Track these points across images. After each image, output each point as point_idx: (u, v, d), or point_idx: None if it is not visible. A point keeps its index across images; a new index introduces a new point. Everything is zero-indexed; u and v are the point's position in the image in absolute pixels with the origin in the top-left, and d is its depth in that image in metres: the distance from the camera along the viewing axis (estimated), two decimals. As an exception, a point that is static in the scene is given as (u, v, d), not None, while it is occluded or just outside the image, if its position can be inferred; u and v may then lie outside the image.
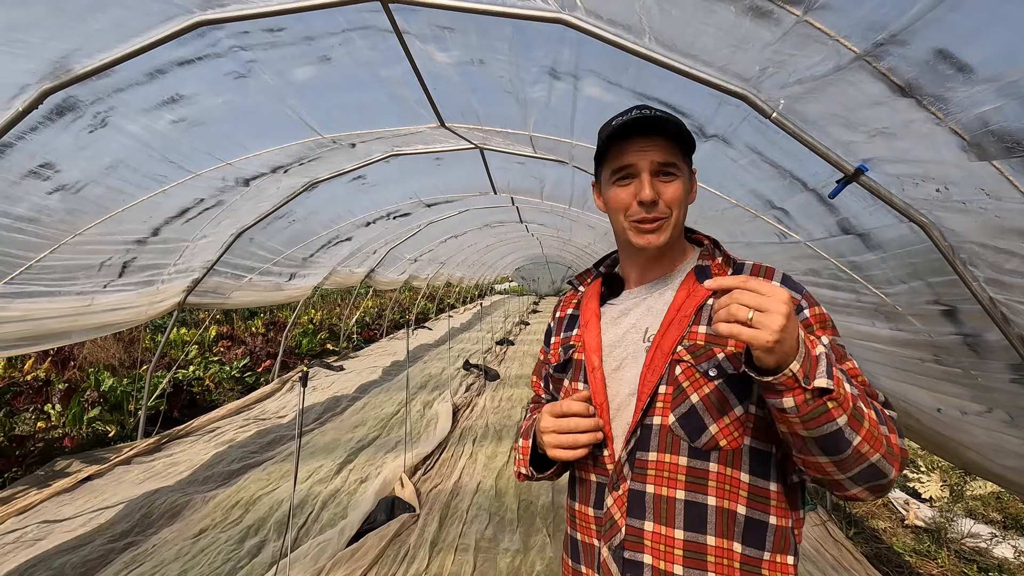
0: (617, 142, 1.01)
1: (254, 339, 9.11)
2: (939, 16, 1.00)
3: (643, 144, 0.98)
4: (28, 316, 3.22)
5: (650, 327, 1.03)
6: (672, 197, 0.99)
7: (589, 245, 11.50)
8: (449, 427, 5.47)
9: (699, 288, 1.01)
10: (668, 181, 0.99)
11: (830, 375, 0.77)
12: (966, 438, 2.25)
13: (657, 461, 0.94)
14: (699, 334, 0.97)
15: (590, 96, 2.52)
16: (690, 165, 1.06)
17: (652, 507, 0.93)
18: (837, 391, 0.77)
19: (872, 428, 0.80)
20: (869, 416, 0.80)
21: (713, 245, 1.10)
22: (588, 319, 1.11)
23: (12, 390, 5.21)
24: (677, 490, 0.92)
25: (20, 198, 2.54)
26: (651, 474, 0.94)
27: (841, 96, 1.43)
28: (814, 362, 0.78)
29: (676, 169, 0.99)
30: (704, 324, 0.97)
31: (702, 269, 1.05)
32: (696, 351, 0.95)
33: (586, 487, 1.03)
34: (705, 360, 0.94)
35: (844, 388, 0.78)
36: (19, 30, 1.77)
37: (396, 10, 2.15)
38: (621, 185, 1.02)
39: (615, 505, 0.96)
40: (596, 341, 1.07)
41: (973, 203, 1.37)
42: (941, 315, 1.92)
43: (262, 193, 4.14)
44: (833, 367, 0.79)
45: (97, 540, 3.28)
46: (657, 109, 1.00)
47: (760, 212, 2.59)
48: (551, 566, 3.03)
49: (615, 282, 1.15)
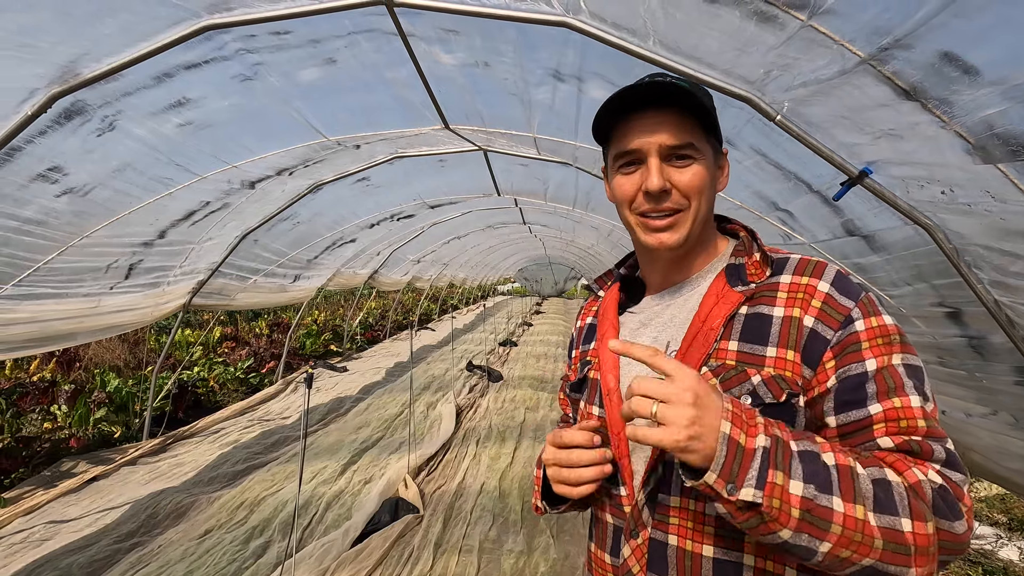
0: (621, 120, 0.83)
1: (258, 340, 9.14)
2: (944, 20, 1.01)
3: (650, 122, 0.80)
4: (36, 318, 3.24)
5: (671, 342, 0.86)
6: (688, 185, 0.80)
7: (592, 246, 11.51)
8: (453, 428, 5.47)
9: (731, 292, 0.83)
10: (684, 166, 0.81)
11: (761, 482, 0.62)
12: (971, 440, 2.25)
13: (681, 508, 0.78)
14: (729, 352, 0.79)
15: (594, 98, 2.53)
16: (717, 144, 0.87)
17: (675, 563, 0.78)
18: (768, 503, 0.62)
19: (852, 530, 0.62)
20: (846, 513, 0.62)
21: (750, 238, 0.89)
22: (605, 331, 0.94)
23: (18, 391, 5.24)
24: (704, 545, 0.76)
25: (28, 201, 2.56)
26: (674, 523, 0.78)
27: (845, 99, 1.43)
28: (745, 462, 0.63)
29: (693, 151, 0.80)
30: (736, 339, 0.80)
31: (735, 268, 0.86)
32: (725, 373, 0.78)
33: (601, 529, 0.89)
34: (736, 385, 0.77)
35: (787, 492, 0.62)
36: (28, 35, 1.78)
37: (401, 13, 2.17)
38: (625, 173, 0.84)
39: (633, 556, 0.81)
40: (613, 358, 0.90)
41: (978, 206, 1.37)
42: (945, 317, 1.92)
43: (267, 195, 4.15)
44: (770, 467, 0.63)
45: (103, 540, 3.30)
46: (674, 76, 0.80)
47: (764, 214, 2.59)
48: (555, 568, 3.04)
49: (635, 286, 0.99)
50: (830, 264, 0.81)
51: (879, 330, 0.74)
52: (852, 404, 0.72)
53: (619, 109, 0.82)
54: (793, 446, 0.66)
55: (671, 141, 0.79)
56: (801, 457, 0.65)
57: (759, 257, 0.85)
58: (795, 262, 0.83)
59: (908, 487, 0.65)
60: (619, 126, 0.84)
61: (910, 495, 0.64)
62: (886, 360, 0.72)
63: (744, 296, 0.81)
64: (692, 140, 0.80)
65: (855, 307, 0.75)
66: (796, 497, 0.62)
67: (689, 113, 0.80)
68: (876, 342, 0.73)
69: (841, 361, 0.73)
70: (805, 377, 0.75)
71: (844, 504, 0.63)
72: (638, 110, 0.81)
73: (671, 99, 0.79)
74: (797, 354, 0.75)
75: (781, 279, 0.81)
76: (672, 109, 0.80)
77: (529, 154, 4.08)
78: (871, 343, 0.73)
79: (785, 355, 0.76)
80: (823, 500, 0.63)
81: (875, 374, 0.71)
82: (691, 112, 0.80)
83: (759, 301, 0.81)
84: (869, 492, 0.64)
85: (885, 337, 0.74)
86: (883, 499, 0.64)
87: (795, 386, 0.75)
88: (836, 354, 0.74)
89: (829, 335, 0.74)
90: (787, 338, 0.76)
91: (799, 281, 0.80)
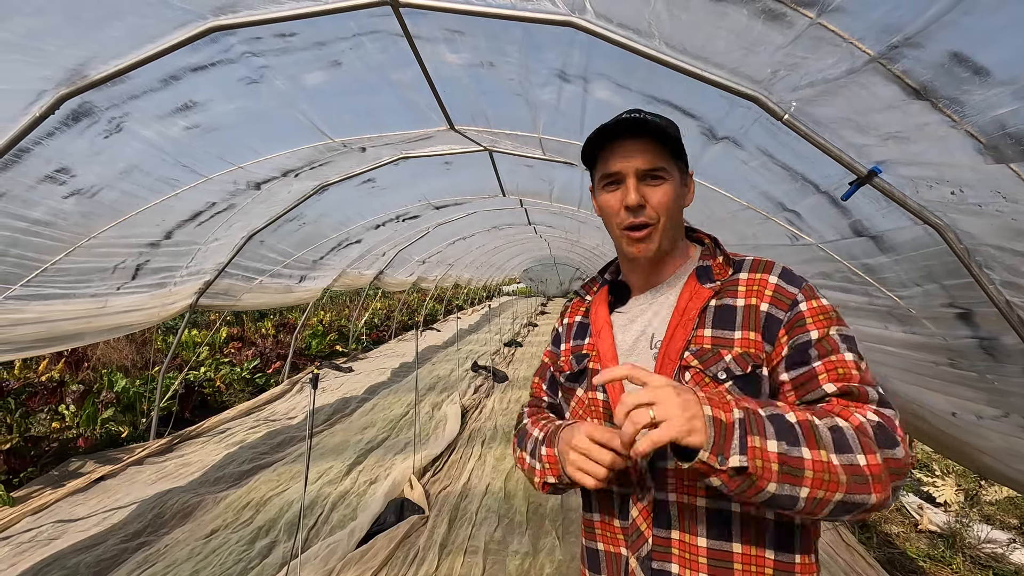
0: (604, 147, 1.01)
1: (264, 340, 9.17)
2: (955, 19, 1.00)
3: (628, 149, 0.97)
4: (44, 318, 3.26)
5: (656, 333, 1.02)
6: (659, 202, 0.98)
7: (598, 247, 11.48)
8: (458, 429, 5.47)
9: (701, 289, 1.00)
10: (655, 185, 0.98)
11: (744, 448, 0.75)
12: (982, 443, 2.22)
13: (676, 468, 0.93)
14: (705, 337, 0.96)
15: (600, 98, 2.52)
16: (684, 168, 1.05)
17: (677, 516, 0.93)
18: (753, 464, 0.75)
19: (821, 472, 0.76)
20: (814, 459, 0.76)
21: (713, 244, 1.09)
22: (600, 327, 1.10)
23: (27, 391, 5.27)
24: (699, 497, 0.92)
25: (37, 202, 2.58)
26: (672, 482, 0.94)
27: (854, 98, 1.42)
28: (728, 434, 0.76)
29: (664, 172, 0.98)
30: (709, 327, 0.97)
31: (704, 269, 1.04)
32: (703, 355, 0.95)
33: (609, 497, 1.02)
34: (713, 364, 0.94)
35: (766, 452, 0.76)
36: (37, 38, 1.79)
37: (406, 14, 2.16)
38: (609, 191, 1.02)
39: (640, 516, 0.96)
40: (611, 350, 1.05)
41: (989, 206, 1.35)
42: (956, 318, 1.90)
43: (273, 196, 4.17)
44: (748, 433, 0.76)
45: (110, 540, 3.32)
46: (649, 113, 0.98)
47: (772, 214, 2.57)
48: (560, 569, 3.03)
49: (621, 289, 1.14)
50: (777, 262, 1.01)
51: (818, 309, 0.93)
52: (801, 363, 0.90)
53: (604, 141, 1.00)
54: (762, 411, 0.80)
55: (645, 165, 0.97)
56: (770, 420, 0.79)
57: (722, 259, 1.04)
58: (750, 262, 1.02)
59: (855, 428, 0.80)
60: (603, 152, 1.02)
61: (858, 434, 0.79)
62: (825, 331, 0.91)
63: (713, 291, 0.99)
64: (663, 164, 0.98)
65: (799, 292, 0.95)
66: (773, 454, 0.76)
67: (661, 142, 0.98)
68: (818, 318, 0.92)
69: (791, 334, 0.92)
70: (766, 352, 0.93)
71: (811, 452, 0.77)
72: (616, 139, 0.99)
73: (645, 131, 0.96)
74: (758, 334, 0.94)
75: (740, 276, 1.01)
76: (646, 139, 0.97)
77: (534, 155, 4.07)
78: (813, 319, 0.92)
79: (748, 336, 0.94)
80: (795, 452, 0.77)
81: (816, 341, 0.90)
82: (662, 141, 0.97)
83: (725, 295, 0.99)
84: (828, 438, 0.78)
85: (824, 314, 0.92)
86: (840, 442, 0.78)
87: (758, 359, 0.93)
88: (787, 330, 0.93)
89: (781, 316, 0.93)
90: (749, 322, 0.95)
91: (754, 276, 0.99)
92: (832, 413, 0.83)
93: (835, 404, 0.86)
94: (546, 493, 1.07)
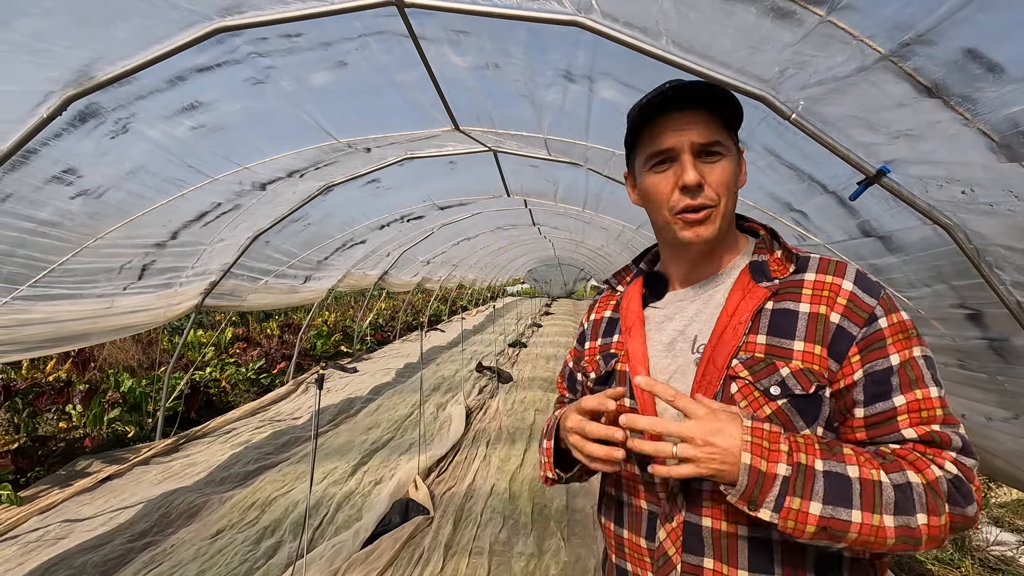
0: (650, 123, 0.86)
1: (269, 341, 9.20)
2: (968, 15, 0.98)
3: (681, 122, 0.84)
4: (51, 318, 3.27)
5: (699, 335, 0.89)
6: (720, 181, 0.84)
7: (602, 247, 11.46)
8: (462, 429, 5.47)
9: (756, 288, 0.86)
10: (714, 162, 0.85)
11: (779, 507, 0.70)
12: (992, 444, 2.20)
13: (713, 491, 0.81)
14: (757, 345, 0.83)
15: (605, 98, 2.51)
16: (737, 142, 0.91)
17: (711, 543, 0.82)
18: (784, 524, 0.70)
19: (867, 535, 0.70)
20: (864, 522, 0.70)
21: (770, 236, 0.93)
22: (631, 324, 0.97)
23: (35, 391, 5.30)
24: (739, 525, 0.80)
25: (44, 203, 2.59)
26: (707, 506, 0.82)
27: (863, 97, 1.41)
28: (765, 487, 0.71)
29: (722, 148, 0.85)
30: (764, 333, 0.84)
31: (758, 265, 0.90)
32: (755, 365, 0.82)
33: (635, 514, 0.92)
34: (766, 376, 0.81)
35: (805, 514, 0.70)
36: (44, 39, 1.80)
37: (412, 14, 2.16)
38: (659, 172, 0.87)
39: (668, 539, 0.85)
40: (642, 351, 0.93)
41: (1001, 205, 1.34)
42: (966, 319, 1.88)
43: (278, 197, 4.18)
44: (789, 494, 0.70)
45: (117, 539, 3.33)
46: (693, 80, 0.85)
47: (778, 215, 2.56)
48: (565, 570, 3.02)
49: (658, 282, 1.01)
50: (850, 263, 0.86)
51: (899, 326, 0.80)
52: (879, 396, 0.78)
53: (653, 113, 0.86)
54: (819, 466, 0.72)
55: (701, 139, 0.84)
56: (826, 477, 0.71)
57: (781, 254, 0.90)
58: (817, 261, 0.87)
59: (926, 485, 0.72)
60: (648, 129, 0.87)
61: (927, 493, 0.71)
62: (907, 354, 0.79)
63: (769, 291, 0.85)
64: (719, 138, 0.85)
65: (877, 305, 0.81)
66: (815, 516, 0.70)
67: (715, 112, 0.84)
68: (898, 337, 0.79)
69: (867, 356, 0.79)
70: (831, 370, 0.80)
71: (863, 514, 0.70)
72: (664, 113, 0.85)
73: (698, 101, 0.83)
74: (824, 348, 0.80)
75: (805, 276, 0.86)
76: (699, 109, 0.84)
77: (539, 155, 4.06)
78: (894, 338, 0.79)
79: (813, 349, 0.80)
80: (842, 515, 0.70)
81: (899, 368, 0.78)
82: (719, 111, 0.84)
83: (784, 297, 0.85)
84: (890, 500, 0.71)
85: (904, 332, 0.80)
86: (902, 502, 0.71)
87: (822, 379, 0.79)
88: (861, 349, 0.79)
89: (855, 331, 0.80)
90: (814, 333, 0.81)
91: (823, 279, 0.84)
92: (906, 461, 0.75)
93: (911, 450, 0.77)
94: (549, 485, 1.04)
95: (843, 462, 0.73)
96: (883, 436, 0.79)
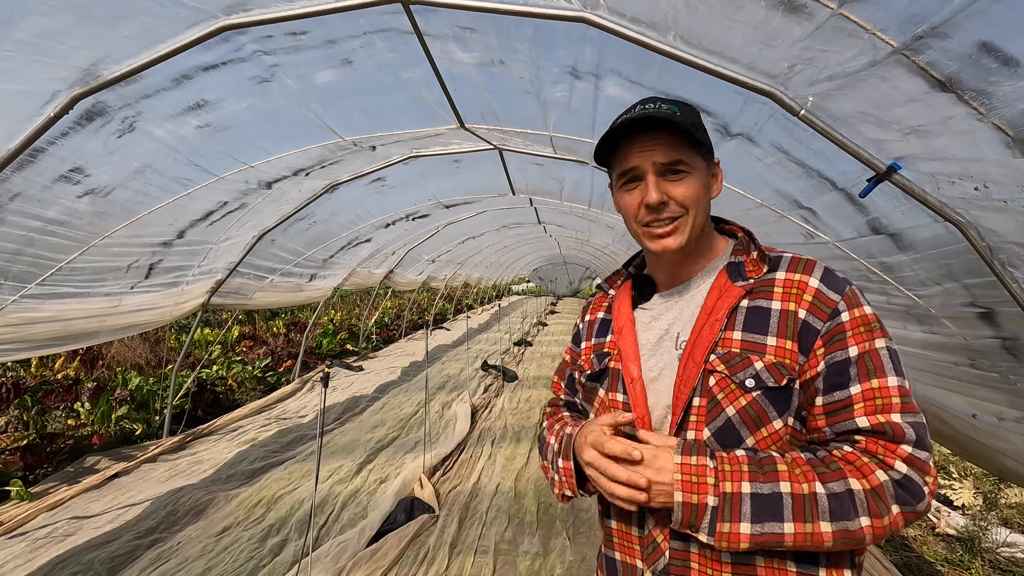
0: (620, 143, 0.94)
1: (275, 339, 9.23)
2: (983, 8, 0.97)
3: (645, 143, 0.91)
4: (59, 316, 3.29)
5: (681, 333, 0.96)
6: (683, 195, 0.91)
7: (608, 246, 11.43)
8: (468, 428, 5.47)
9: (732, 287, 0.93)
10: (678, 179, 0.91)
11: (712, 531, 0.80)
12: (1003, 445, 2.17)
13: None
14: (733, 340, 0.90)
15: (611, 95, 2.50)
16: (708, 156, 0.97)
17: None
18: (719, 544, 0.80)
19: (803, 541, 0.78)
20: (796, 532, 0.78)
21: (748, 238, 1.00)
22: (622, 325, 1.04)
23: (43, 388, 5.35)
24: None
25: (51, 202, 2.60)
26: None
27: (874, 92, 1.39)
28: (699, 516, 0.81)
29: (685, 166, 0.91)
30: (739, 329, 0.90)
31: (735, 266, 0.96)
32: (731, 360, 0.88)
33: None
34: (741, 369, 0.87)
35: (736, 535, 0.79)
36: (50, 38, 1.80)
37: (417, 11, 2.15)
38: (628, 189, 0.95)
39: (657, 527, 0.92)
40: (633, 349, 1.00)
41: (1015, 202, 1.31)
42: (977, 318, 1.86)
43: (284, 195, 4.18)
44: (719, 520, 0.80)
45: (124, 536, 3.35)
46: (663, 101, 0.93)
47: (786, 212, 2.54)
48: (571, 570, 3.01)
49: (646, 284, 1.07)
50: (819, 262, 0.92)
51: (861, 320, 0.85)
52: (837, 386, 0.84)
53: (618, 138, 0.93)
54: (745, 488, 0.80)
55: (663, 159, 0.91)
56: (753, 500, 0.79)
57: (756, 255, 0.96)
58: (788, 260, 0.94)
59: (869, 491, 0.78)
60: (619, 149, 0.95)
61: (870, 499, 0.77)
62: (867, 346, 0.84)
63: (744, 290, 0.92)
64: (681, 157, 0.91)
65: (841, 300, 0.87)
66: (746, 535, 0.79)
67: (679, 133, 0.90)
68: (859, 330, 0.85)
69: (828, 348, 0.85)
70: (800, 363, 0.87)
71: (795, 525, 0.78)
72: (632, 134, 0.92)
73: (661, 124, 0.89)
74: (795, 343, 0.87)
75: (777, 275, 0.93)
76: (661, 131, 0.90)
77: (545, 153, 4.05)
78: (854, 332, 0.85)
79: (784, 344, 0.87)
80: (775, 528, 0.78)
81: (857, 359, 0.83)
82: (680, 133, 0.90)
83: (758, 295, 0.92)
84: (825, 508, 0.78)
85: (867, 325, 0.85)
86: (838, 510, 0.78)
87: (793, 371, 0.86)
88: (825, 342, 0.86)
89: (819, 326, 0.86)
90: (785, 328, 0.88)
91: (792, 277, 0.91)
92: (852, 467, 0.80)
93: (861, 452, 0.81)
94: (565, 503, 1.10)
95: (775, 480, 0.80)
96: (839, 425, 0.84)
